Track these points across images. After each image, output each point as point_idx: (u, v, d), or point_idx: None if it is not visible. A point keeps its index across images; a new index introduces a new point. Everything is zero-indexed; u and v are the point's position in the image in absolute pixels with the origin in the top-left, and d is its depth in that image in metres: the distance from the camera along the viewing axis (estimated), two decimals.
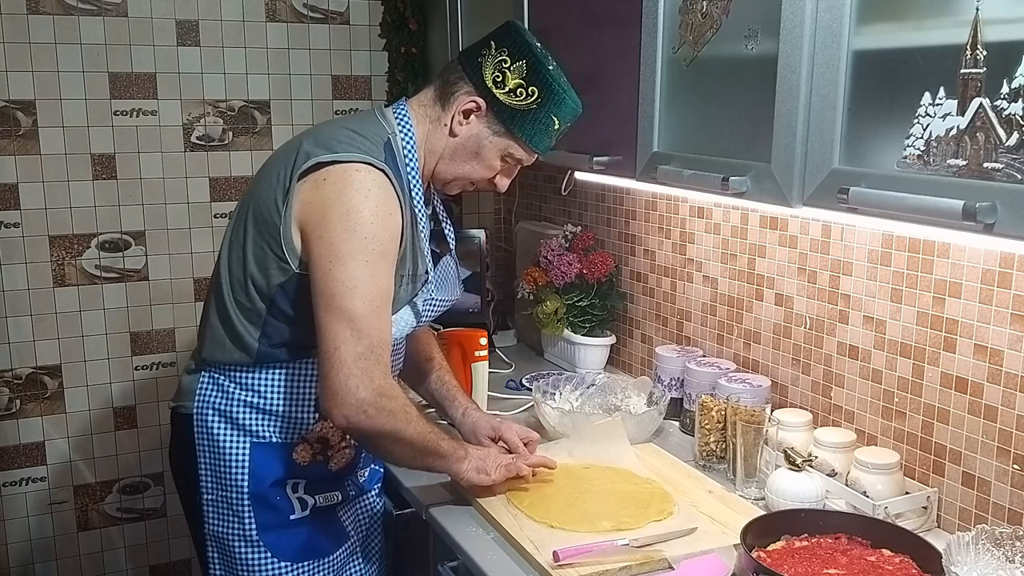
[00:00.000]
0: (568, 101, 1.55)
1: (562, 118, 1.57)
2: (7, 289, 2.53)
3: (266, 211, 1.50)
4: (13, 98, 2.46)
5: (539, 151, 1.61)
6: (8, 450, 2.61)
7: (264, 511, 1.57)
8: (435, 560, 1.71)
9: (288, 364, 1.56)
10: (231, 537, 1.58)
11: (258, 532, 1.57)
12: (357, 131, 1.50)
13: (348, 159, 1.45)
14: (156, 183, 2.64)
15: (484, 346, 2.13)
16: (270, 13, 2.68)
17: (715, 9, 1.48)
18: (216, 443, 1.57)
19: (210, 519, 1.59)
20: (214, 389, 1.57)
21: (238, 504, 1.56)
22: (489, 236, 2.81)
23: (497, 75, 1.52)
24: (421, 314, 1.64)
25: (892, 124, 1.18)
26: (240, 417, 1.56)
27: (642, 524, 1.55)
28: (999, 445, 1.47)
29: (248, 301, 1.53)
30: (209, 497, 1.59)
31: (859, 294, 1.72)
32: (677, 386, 2.07)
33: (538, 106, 1.54)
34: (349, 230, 1.42)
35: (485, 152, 1.58)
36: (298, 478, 1.60)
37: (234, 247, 1.56)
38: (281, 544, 1.59)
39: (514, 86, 1.52)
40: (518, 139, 1.57)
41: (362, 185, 1.43)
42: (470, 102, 1.54)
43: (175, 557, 2.84)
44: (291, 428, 1.58)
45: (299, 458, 1.59)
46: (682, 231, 2.20)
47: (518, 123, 1.55)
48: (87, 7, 2.49)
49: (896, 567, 1.34)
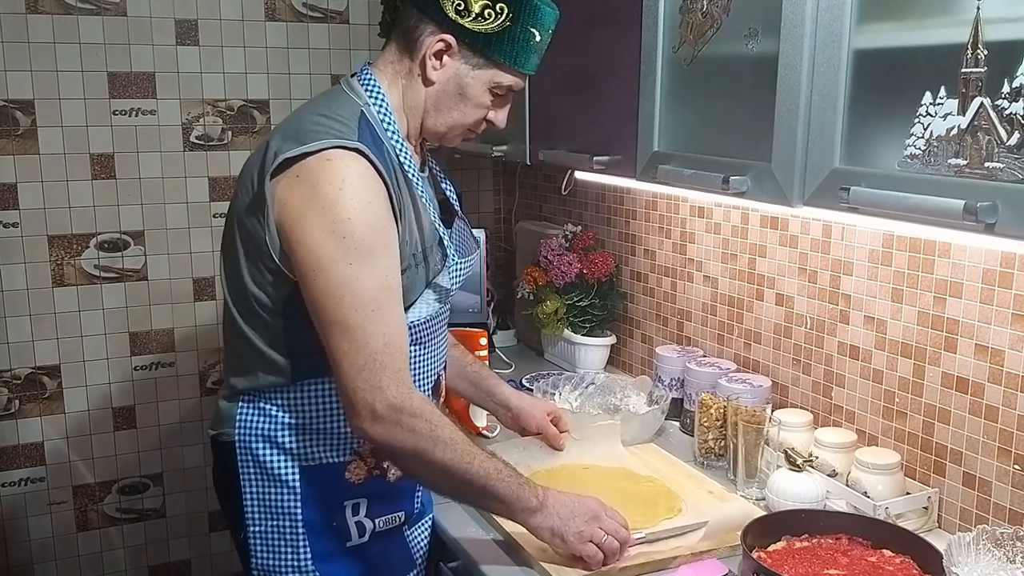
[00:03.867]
0: (542, 6, 1.41)
1: (542, 27, 1.43)
2: (6, 289, 2.53)
3: (248, 222, 1.40)
4: (12, 98, 2.45)
5: (528, 71, 1.46)
6: (7, 450, 2.61)
7: (320, 539, 1.46)
8: (435, 560, 1.70)
9: (325, 378, 1.43)
10: (284, 569, 1.47)
11: (314, 562, 1.46)
12: (325, 114, 1.38)
13: (317, 148, 1.32)
14: (155, 183, 2.63)
15: (484, 346, 2.13)
16: (269, 12, 2.68)
17: (715, 8, 1.48)
18: (263, 470, 1.46)
19: (258, 553, 1.48)
20: (255, 413, 1.46)
21: (291, 533, 1.46)
22: (489, 236, 2.81)
23: (458, 3, 1.37)
24: (448, 288, 1.52)
25: (893, 124, 1.18)
26: (285, 441, 1.45)
27: (655, 522, 1.55)
28: (1000, 445, 1.47)
29: (261, 322, 1.43)
30: (256, 529, 1.47)
31: (860, 294, 1.71)
32: (677, 386, 2.07)
33: (512, 22, 1.39)
34: (326, 231, 1.30)
35: (470, 90, 1.44)
36: (357, 498, 1.48)
37: (229, 267, 1.46)
38: (339, 573, 1.48)
39: (479, 9, 1.38)
40: (501, 65, 1.42)
41: (335, 176, 1.31)
42: (438, 42, 1.40)
43: (174, 558, 2.84)
44: (340, 445, 1.46)
45: (353, 476, 1.48)
46: (682, 231, 2.20)
47: (496, 48, 1.40)
48: (86, 6, 2.48)
49: (897, 568, 1.34)
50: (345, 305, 1.31)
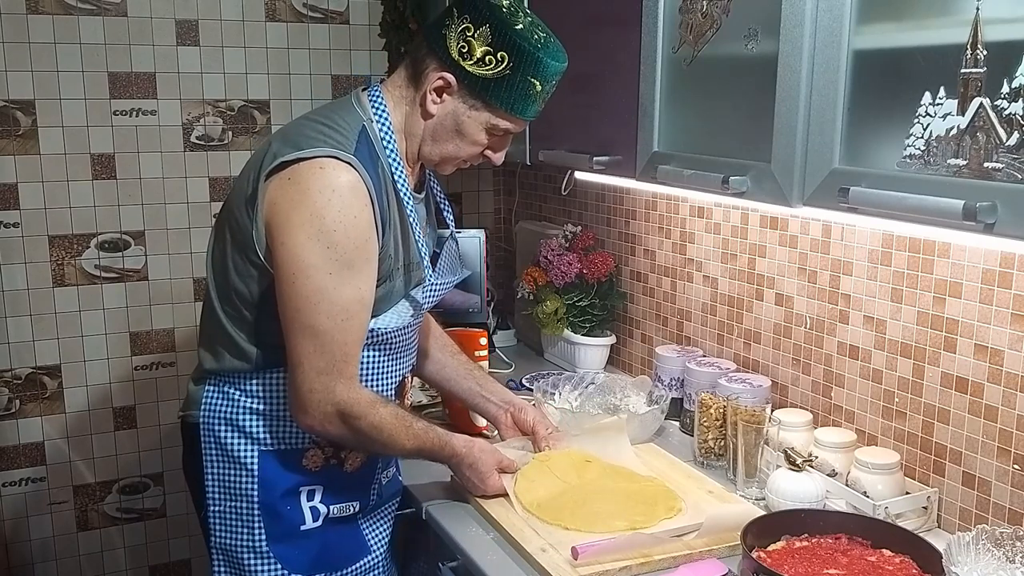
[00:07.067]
0: (545, 59, 1.42)
1: (543, 78, 1.44)
2: (7, 289, 2.53)
3: (239, 216, 1.45)
4: (12, 98, 2.45)
5: (524, 118, 1.49)
6: (8, 450, 2.61)
7: (274, 521, 1.53)
8: (435, 560, 1.70)
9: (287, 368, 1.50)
10: (239, 548, 1.53)
11: (268, 543, 1.53)
12: (327, 123, 1.43)
13: (313, 155, 1.37)
14: (155, 183, 2.63)
15: (484, 346, 2.13)
16: (270, 13, 2.68)
17: (715, 9, 1.48)
18: (224, 452, 1.53)
19: (217, 531, 1.55)
20: (219, 397, 1.53)
21: (248, 514, 1.52)
22: (489, 236, 2.81)
23: (462, 45, 1.41)
24: (421, 303, 1.58)
25: (892, 124, 1.18)
26: (247, 425, 1.52)
27: (655, 522, 1.55)
28: (999, 445, 1.47)
29: (236, 311, 1.50)
30: (216, 508, 1.54)
31: (859, 294, 1.71)
32: (677, 386, 2.07)
33: (511, 71, 1.42)
34: (312, 238, 1.36)
35: (466, 129, 1.48)
36: (313, 485, 1.55)
37: (216, 257, 1.52)
38: (292, 555, 1.54)
39: (481, 54, 1.41)
40: (497, 110, 1.46)
41: (326, 184, 1.36)
42: (439, 79, 1.44)
43: (175, 557, 2.84)
44: (299, 433, 1.53)
45: (310, 464, 1.55)
46: (682, 231, 2.20)
47: (494, 93, 1.44)
48: (86, 7, 2.48)
49: (896, 567, 1.34)
50: (320, 312, 1.39)
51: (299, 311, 1.39)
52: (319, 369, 1.41)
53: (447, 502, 1.68)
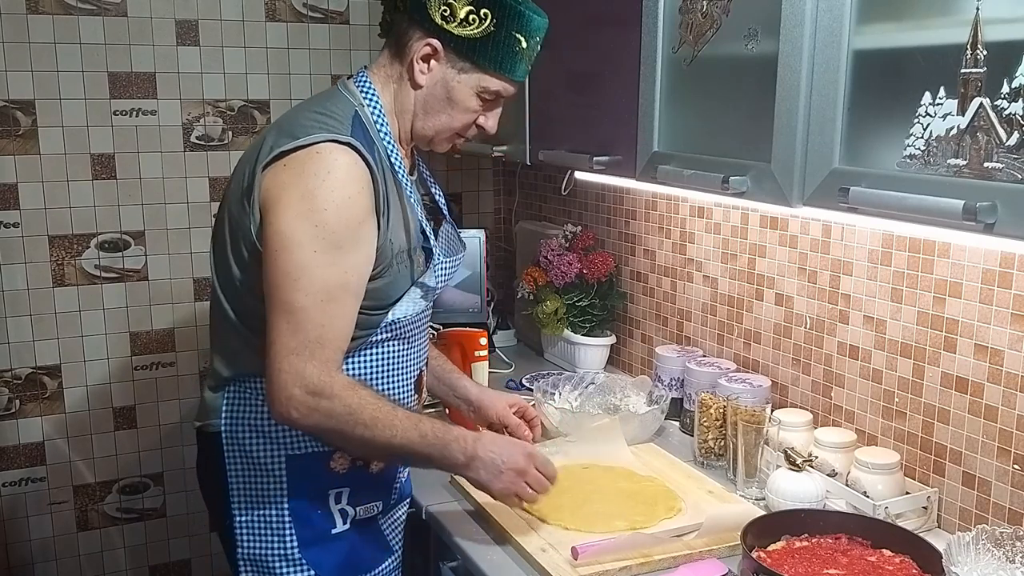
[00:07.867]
0: (527, 12, 1.43)
1: (528, 34, 1.45)
2: (6, 289, 2.53)
3: (236, 209, 1.43)
4: (12, 98, 2.45)
5: (514, 77, 1.48)
6: (7, 450, 2.61)
7: (305, 526, 1.49)
8: (435, 560, 1.70)
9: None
10: (271, 557, 1.49)
11: (300, 549, 1.48)
12: (321, 111, 1.42)
13: (310, 141, 1.36)
14: (155, 183, 2.63)
15: (484, 346, 2.13)
16: (270, 13, 2.68)
17: (715, 9, 1.48)
18: (250, 459, 1.48)
19: (244, 542, 1.50)
20: (241, 403, 1.48)
21: (278, 522, 1.48)
22: (489, 236, 2.81)
23: (444, 8, 1.41)
24: (436, 287, 1.55)
25: (892, 124, 1.18)
26: (272, 430, 1.47)
27: (655, 522, 1.55)
28: (999, 445, 1.47)
29: (247, 309, 1.45)
30: (243, 519, 1.49)
31: (859, 294, 1.71)
32: (677, 386, 2.07)
33: (496, 28, 1.41)
34: (301, 216, 1.33)
35: (457, 94, 1.47)
36: (340, 487, 1.51)
37: (218, 254, 1.49)
38: (324, 560, 1.50)
39: (464, 14, 1.41)
40: (486, 70, 1.45)
41: (321, 166, 1.34)
42: (424, 46, 1.44)
43: (175, 557, 2.84)
44: None
45: (337, 466, 1.50)
46: (682, 231, 2.20)
47: (481, 52, 1.43)
48: (86, 7, 2.48)
49: (896, 567, 1.34)
50: (298, 288, 1.33)
51: (278, 287, 1.34)
52: (289, 348, 1.33)
53: (447, 502, 1.68)
